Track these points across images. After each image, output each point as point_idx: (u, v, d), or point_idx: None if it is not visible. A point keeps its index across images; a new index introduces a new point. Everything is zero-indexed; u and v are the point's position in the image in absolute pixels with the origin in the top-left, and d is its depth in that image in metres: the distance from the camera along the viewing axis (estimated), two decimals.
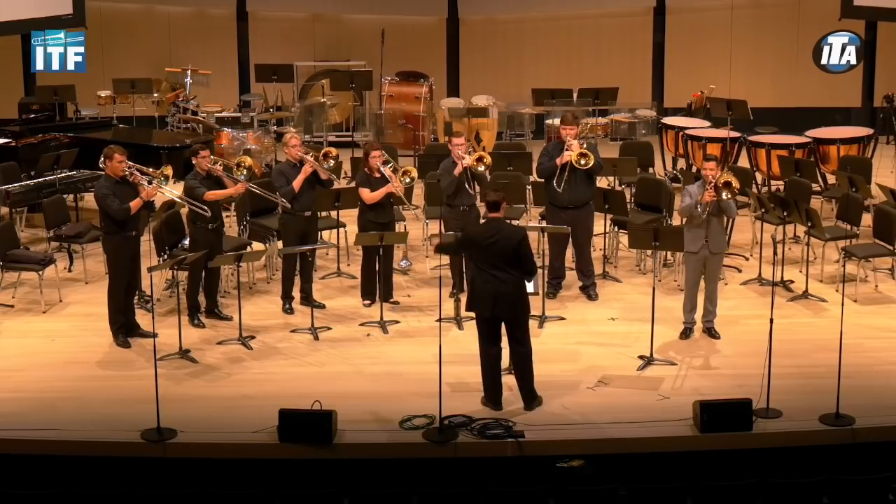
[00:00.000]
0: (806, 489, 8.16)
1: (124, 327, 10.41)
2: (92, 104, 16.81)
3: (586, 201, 11.24)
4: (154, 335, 9.72)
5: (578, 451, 8.62)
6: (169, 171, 10.41)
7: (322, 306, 11.02)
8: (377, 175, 11.08)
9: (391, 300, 11.19)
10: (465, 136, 11.60)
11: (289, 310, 11.11)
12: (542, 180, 11.35)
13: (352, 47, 17.99)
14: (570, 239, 11.20)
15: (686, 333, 10.37)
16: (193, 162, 10.74)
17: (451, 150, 11.20)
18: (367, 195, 11.06)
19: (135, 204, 10.15)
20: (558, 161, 11.01)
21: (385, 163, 11.14)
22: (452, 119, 16.05)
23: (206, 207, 10.50)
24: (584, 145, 11.08)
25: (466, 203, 11.11)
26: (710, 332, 10.36)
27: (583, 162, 10.93)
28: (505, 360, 9.78)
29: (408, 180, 11.29)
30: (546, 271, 11.02)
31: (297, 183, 10.87)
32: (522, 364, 9.18)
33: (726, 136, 14.22)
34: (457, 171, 11.02)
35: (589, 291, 11.44)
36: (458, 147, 11.14)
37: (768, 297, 9.39)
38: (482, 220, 9.85)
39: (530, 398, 9.16)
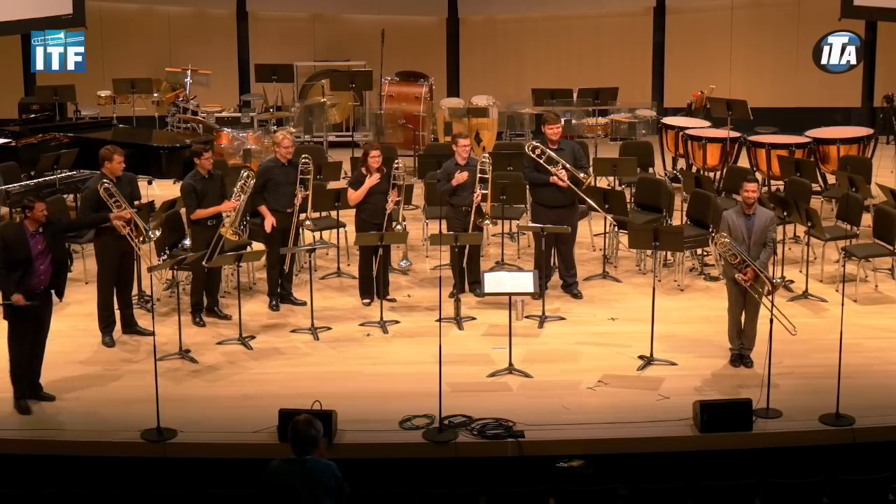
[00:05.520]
0: (806, 489, 8.16)
1: (113, 325, 10.41)
2: (92, 104, 16.79)
3: (572, 201, 11.29)
4: (152, 333, 9.70)
5: (578, 451, 8.63)
6: (154, 234, 10.28)
7: (303, 303, 11.04)
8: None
9: (388, 297, 11.19)
10: (471, 138, 11.66)
11: (275, 306, 11.15)
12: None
13: (352, 47, 17.98)
14: (555, 238, 11.23)
15: (735, 360, 9.91)
16: (196, 162, 10.72)
17: (456, 152, 11.21)
18: (351, 195, 11.11)
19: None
20: (551, 180, 11.11)
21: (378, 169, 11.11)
22: (452, 119, 16.04)
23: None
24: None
25: (468, 203, 11.12)
26: (744, 360, 9.91)
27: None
28: (505, 361, 9.82)
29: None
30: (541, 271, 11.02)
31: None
32: None
33: (726, 136, 14.23)
34: (455, 181, 11.05)
35: (573, 290, 11.45)
36: (464, 148, 11.16)
37: (768, 297, 9.38)
38: None
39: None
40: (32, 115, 15.54)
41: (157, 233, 10.31)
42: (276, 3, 18.33)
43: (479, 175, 11.09)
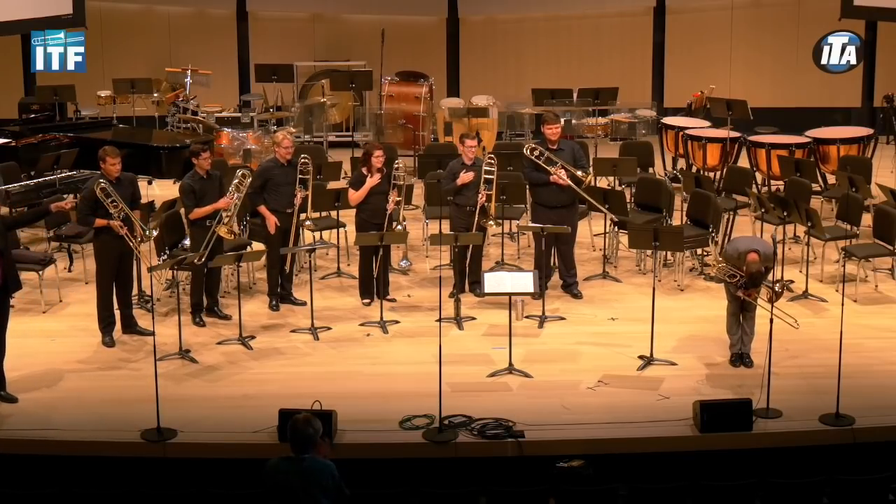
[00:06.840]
0: (806, 489, 8.16)
1: (112, 325, 10.42)
2: (92, 104, 16.80)
3: (572, 201, 11.29)
4: (152, 333, 9.70)
5: (578, 451, 8.62)
6: (152, 233, 10.26)
7: (303, 303, 11.04)
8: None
9: (388, 297, 11.19)
10: (476, 139, 11.66)
11: (275, 307, 11.16)
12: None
13: (352, 47, 17.99)
14: (555, 238, 11.22)
15: (735, 360, 9.88)
16: (194, 162, 10.74)
17: (462, 152, 11.21)
18: (352, 195, 11.11)
19: (99, 222, 10.12)
20: (552, 179, 11.08)
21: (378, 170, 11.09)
22: (452, 119, 16.04)
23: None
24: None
25: (472, 203, 11.11)
26: (743, 359, 9.87)
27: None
28: (505, 361, 9.82)
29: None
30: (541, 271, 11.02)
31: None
32: None
33: (726, 136, 14.22)
34: (461, 180, 11.06)
35: (573, 290, 11.45)
36: (471, 149, 11.16)
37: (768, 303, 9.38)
38: None
39: None
40: (32, 115, 15.55)
41: (155, 232, 10.32)
42: (276, 3, 18.33)
43: (484, 175, 11.10)
